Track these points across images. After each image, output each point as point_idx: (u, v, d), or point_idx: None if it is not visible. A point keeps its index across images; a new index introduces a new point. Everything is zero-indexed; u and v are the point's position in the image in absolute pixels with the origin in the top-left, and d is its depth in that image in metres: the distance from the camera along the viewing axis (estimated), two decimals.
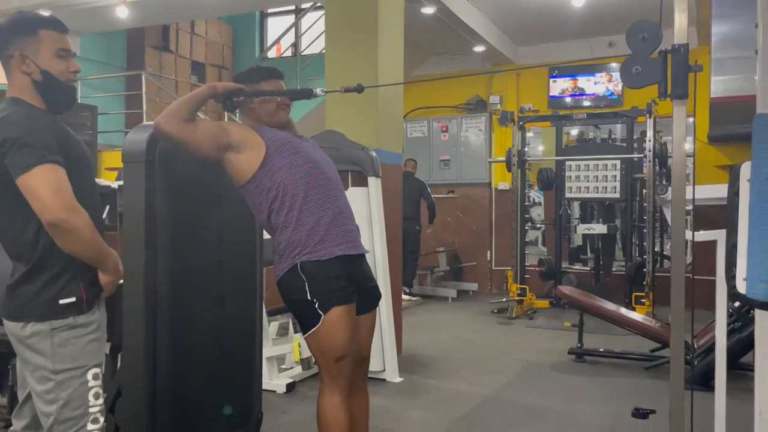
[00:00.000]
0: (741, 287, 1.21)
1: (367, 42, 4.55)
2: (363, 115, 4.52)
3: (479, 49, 7.86)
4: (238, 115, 7.32)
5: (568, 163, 6.99)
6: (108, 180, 4.45)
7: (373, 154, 4.18)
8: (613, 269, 7.38)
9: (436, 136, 8.89)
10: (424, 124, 8.95)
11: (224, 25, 10.16)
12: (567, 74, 8.33)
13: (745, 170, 1.19)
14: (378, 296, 2.43)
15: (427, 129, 8.96)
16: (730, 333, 3.93)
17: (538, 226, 8.46)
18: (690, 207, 1.99)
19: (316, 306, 2.15)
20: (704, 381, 3.54)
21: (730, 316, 3.99)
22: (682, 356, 1.92)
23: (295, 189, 2.19)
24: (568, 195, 7.09)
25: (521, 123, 7.06)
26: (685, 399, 1.98)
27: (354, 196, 4.15)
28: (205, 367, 2.46)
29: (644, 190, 6.75)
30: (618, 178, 6.75)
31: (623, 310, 5.06)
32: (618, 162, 6.75)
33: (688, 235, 3.23)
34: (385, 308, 4.14)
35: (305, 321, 2.21)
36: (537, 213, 9.64)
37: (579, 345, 4.78)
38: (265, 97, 2.31)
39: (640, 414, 2.76)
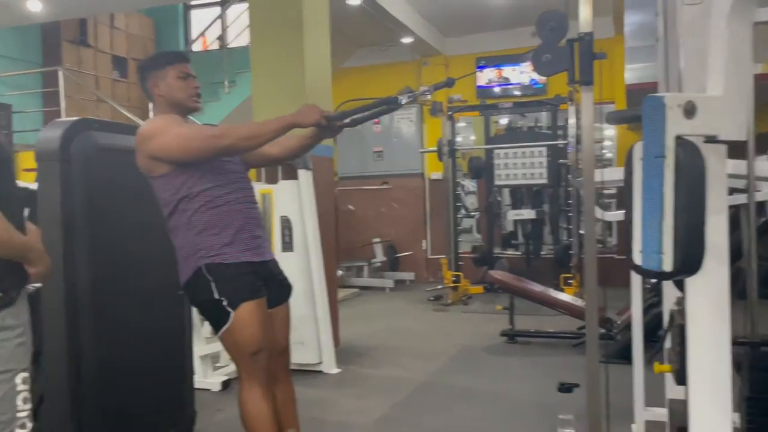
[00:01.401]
0: (637, 259, 1.29)
1: (292, 35, 4.52)
2: (291, 108, 4.47)
3: (407, 40, 7.94)
4: None
5: (496, 151, 7.17)
6: (26, 181, 4.26)
7: None
8: (543, 252, 7.64)
9: (369, 128, 8.92)
10: None
11: (145, 18, 9.84)
12: (494, 64, 8.52)
13: (638, 150, 1.27)
14: (288, 288, 2.42)
15: None
16: (649, 307, 4.15)
17: (472, 214, 8.64)
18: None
19: (225, 304, 2.13)
20: (626, 354, 3.73)
21: (650, 291, 4.22)
22: (597, 332, 2.03)
23: (200, 189, 2.15)
24: (497, 182, 7.27)
25: (450, 113, 7.18)
26: (605, 372, 2.10)
27: (284, 189, 4.15)
28: (132, 368, 2.42)
29: (569, 176, 7.01)
30: (544, 164, 6.97)
31: (551, 292, 5.25)
32: (544, 149, 6.97)
33: (601, 215, 3.37)
34: (320, 301, 4.16)
35: (215, 320, 2.18)
36: (471, 201, 9.84)
37: (510, 327, 4.94)
38: (180, 83, 2.26)
39: (565, 388, 2.90)
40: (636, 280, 2.98)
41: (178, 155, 2.13)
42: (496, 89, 8.62)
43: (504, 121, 8.80)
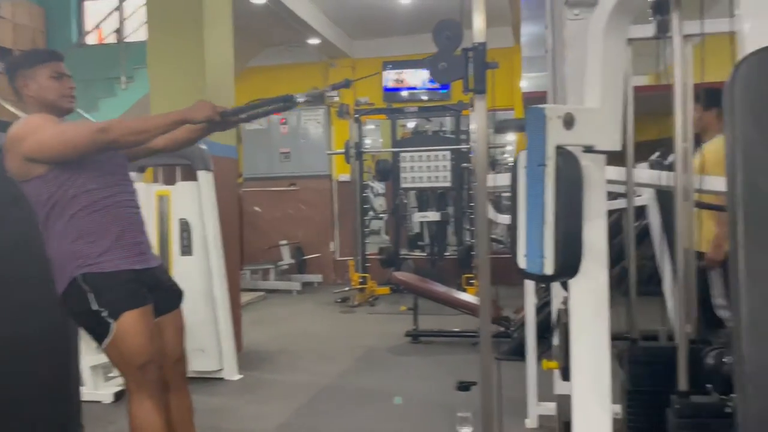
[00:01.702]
0: (522, 263, 1.33)
1: (192, 30, 4.38)
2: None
3: (314, 41, 7.90)
4: None
5: (402, 154, 7.28)
6: None
7: (203, 147, 4.05)
8: (447, 253, 7.83)
9: (275, 129, 8.80)
10: None
11: (35, 7, 9.21)
12: (400, 68, 8.63)
13: (522, 158, 1.32)
14: (179, 293, 2.32)
15: (265, 121, 8.83)
16: (543, 306, 4.34)
17: (381, 215, 8.73)
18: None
19: (104, 315, 2.02)
20: (521, 352, 3.88)
21: (544, 290, 4.42)
22: (489, 330, 2.09)
23: (78, 192, 2.04)
24: (404, 185, 7.38)
25: (357, 115, 7.21)
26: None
27: (183, 190, 4.00)
28: (9, 382, 2.24)
29: (472, 179, 7.22)
30: (448, 168, 7.15)
31: (454, 292, 5.39)
32: (448, 153, 7.15)
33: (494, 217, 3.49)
34: (221, 305, 4.04)
35: (95, 333, 2.07)
36: (380, 203, 9.92)
37: (414, 327, 5.02)
38: (53, 83, 2.13)
39: (463, 386, 2.97)
40: (529, 280, 3.12)
41: (59, 151, 1.99)
42: (404, 93, 8.74)
43: (411, 124, 8.95)
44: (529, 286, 3.12)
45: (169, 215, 3.93)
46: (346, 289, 7.15)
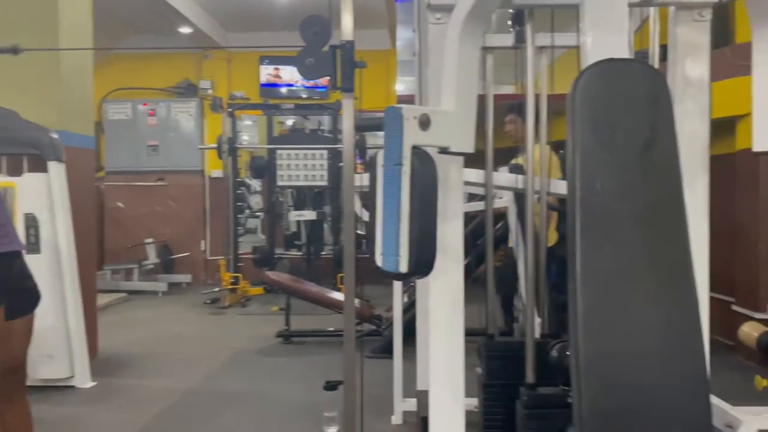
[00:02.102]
0: (378, 261, 1.34)
1: (44, 9, 4.01)
2: (42, 91, 4.00)
3: (186, 30, 7.56)
4: None
5: (279, 151, 7.15)
6: None
7: (54, 135, 3.72)
8: (323, 253, 7.80)
9: (143, 120, 8.32)
10: (128, 106, 8.30)
11: None
12: (277, 64, 8.48)
13: (380, 157, 1.33)
14: (37, 296, 2.13)
15: (131, 111, 8.33)
16: (412, 305, 4.45)
17: (257, 214, 8.52)
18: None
19: None
20: (391, 349, 3.95)
21: (415, 288, 4.52)
22: (353, 329, 2.09)
23: None
24: (280, 183, 7.25)
25: (231, 110, 7.00)
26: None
27: (30, 182, 3.67)
28: None
29: None
30: (325, 167, 7.13)
31: (327, 291, 5.37)
32: (325, 152, 7.12)
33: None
34: (72, 308, 3.74)
35: None
36: (256, 201, 9.69)
37: (286, 328, 4.95)
38: None
39: (331, 386, 2.96)
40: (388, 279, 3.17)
41: None
42: (283, 89, 8.59)
43: (290, 121, 8.83)
44: (397, 284, 3.17)
45: (14, 209, 3.58)
46: (217, 289, 6.91)
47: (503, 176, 2.78)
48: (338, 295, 5.48)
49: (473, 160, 1.98)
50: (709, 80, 1.66)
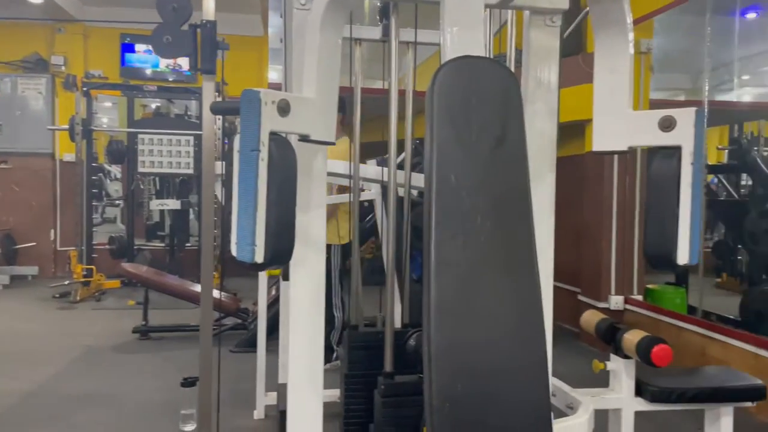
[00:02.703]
0: (233, 251, 1.29)
1: None
2: None
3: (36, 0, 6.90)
4: None
5: (141, 136, 6.73)
6: None
7: None
8: (189, 244, 7.48)
9: None
10: None
11: None
12: (141, 42, 7.98)
13: (236, 143, 1.27)
14: None
15: None
16: (277, 300, 4.39)
17: (117, 202, 7.98)
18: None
19: None
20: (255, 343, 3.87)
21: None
22: (210, 323, 2.01)
23: None
24: (141, 169, 6.83)
25: (86, 89, 6.49)
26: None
27: None
28: None
29: None
30: (192, 154, 6.81)
31: (190, 284, 5.15)
32: (192, 138, 6.81)
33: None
34: None
35: None
36: (116, 188, 9.08)
37: (144, 323, 4.69)
38: None
39: (188, 383, 2.84)
40: (263, 274, 3.10)
41: None
42: (148, 71, 8.09)
43: (154, 105, 8.33)
44: (263, 277, 3.10)
45: None
46: (67, 282, 6.39)
47: (370, 169, 2.80)
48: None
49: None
50: (557, 82, 1.76)
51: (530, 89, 1.77)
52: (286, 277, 1.82)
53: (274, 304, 3.70)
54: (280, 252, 1.31)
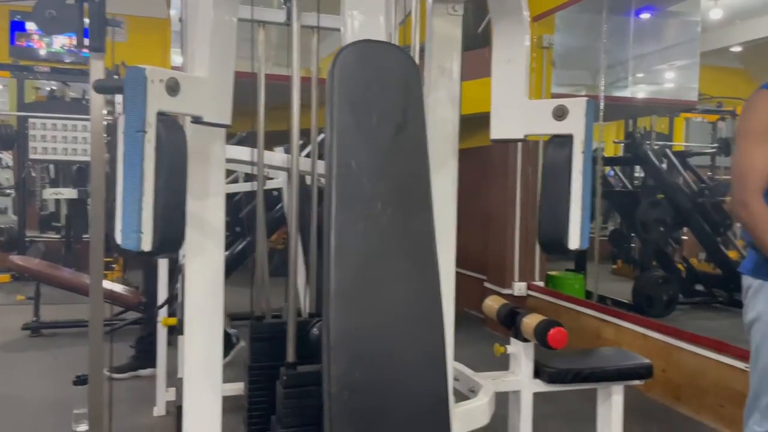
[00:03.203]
0: (118, 238, 1.21)
1: None
2: None
3: None
4: None
5: (32, 120, 6.28)
6: None
7: None
8: (87, 236, 7.08)
9: None
10: None
11: None
12: (31, 20, 7.43)
13: (121, 123, 1.19)
14: None
15: None
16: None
17: (7, 191, 7.42)
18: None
19: None
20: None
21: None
22: (101, 317, 1.90)
23: None
24: (32, 156, 6.38)
25: None
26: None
27: None
28: None
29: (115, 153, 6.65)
30: (89, 140, 6.43)
31: (85, 278, 4.86)
32: (89, 123, 6.42)
33: None
34: None
35: None
36: (7, 177, 8.49)
37: (35, 319, 4.39)
38: None
39: (81, 381, 2.68)
40: (162, 262, 2.97)
41: None
42: (42, 51, 7.53)
43: (49, 88, 7.79)
44: (163, 267, 2.97)
45: None
46: None
47: (276, 156, 2.74)
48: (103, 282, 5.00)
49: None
50: (460, 71, 1.78)
51: (433, 78, 1.78)
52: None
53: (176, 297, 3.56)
54: (169, 240, 1.24)
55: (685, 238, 5.92)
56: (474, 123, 2.79)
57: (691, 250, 6.12)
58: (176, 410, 2.10)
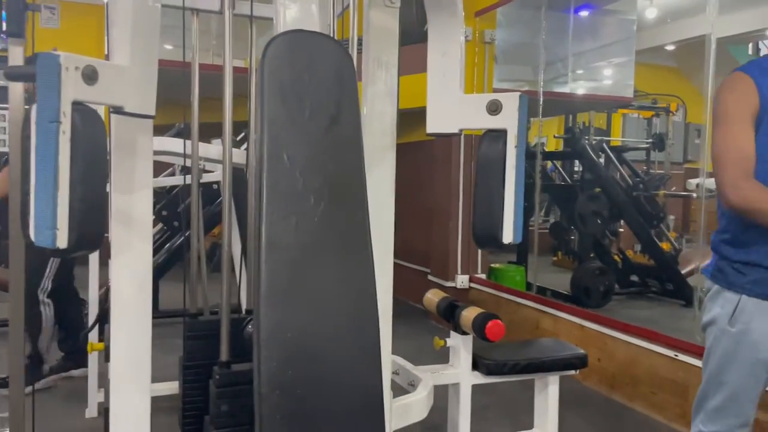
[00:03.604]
0: (32, 235, 1.14)
1: None
2: None
3: None
4: None
5: None
6: None
7: None
8: None
9: None
10: None
11: None
12: None
13: (33, 113, 1.12)
14: None
15: None
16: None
17: None
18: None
19: None
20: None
21: None
22: (22, 316, 1.80)
23: None
24: None
25: None
26: None
27: None
28: None
29: None
30: (8, 130, 6.13)
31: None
32: (7, 113, 6.12)
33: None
34: None
35: None
36: None
37: None
38: None
39: (4, 383, 2.55)
40: (94, 257, 2.86)
41: None
42: None
43: None
44: (94, 264, 2.85)
45: None
46: None
47: (212, 148, 2.67)
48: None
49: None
50: (397, 63, 1.76)
51: (370, 70, 1.75)
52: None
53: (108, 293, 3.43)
54: (87, 237, 1.18)
55: (621, 230, 6.12)
56: (418, 116, 2.79)
57: (627, 242, 6.33)
58: (104, 412, 2.02)
